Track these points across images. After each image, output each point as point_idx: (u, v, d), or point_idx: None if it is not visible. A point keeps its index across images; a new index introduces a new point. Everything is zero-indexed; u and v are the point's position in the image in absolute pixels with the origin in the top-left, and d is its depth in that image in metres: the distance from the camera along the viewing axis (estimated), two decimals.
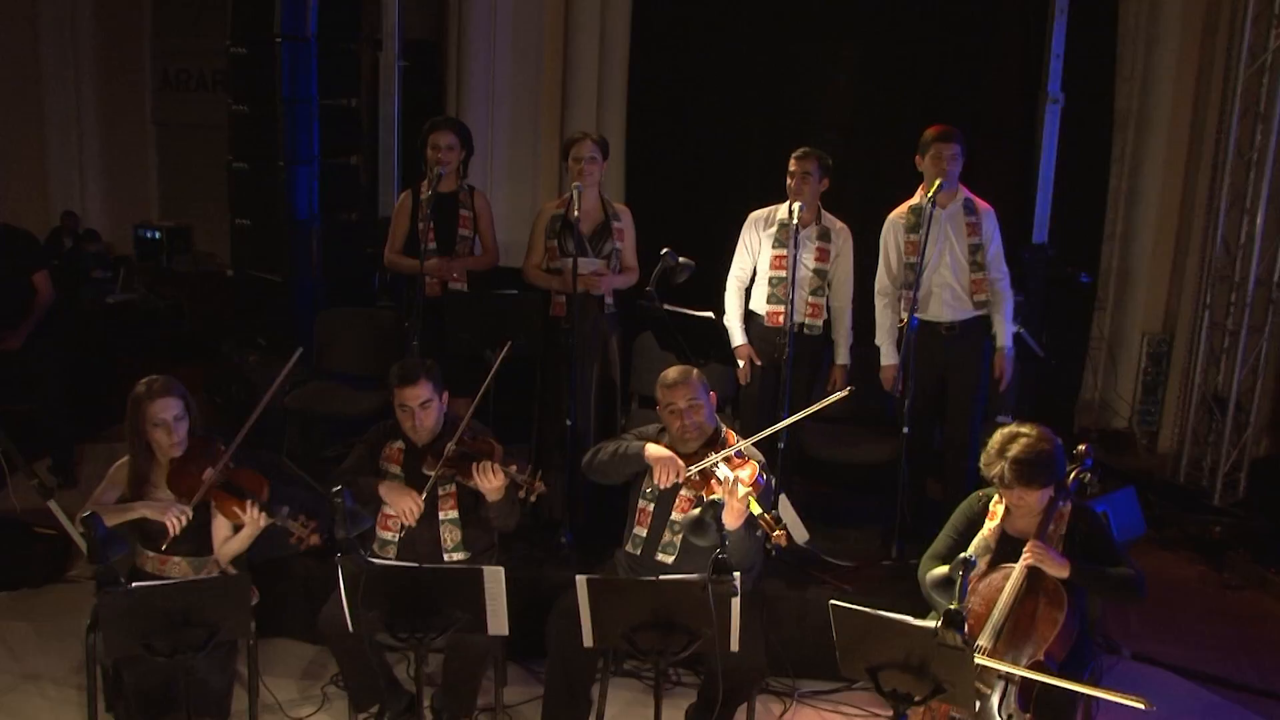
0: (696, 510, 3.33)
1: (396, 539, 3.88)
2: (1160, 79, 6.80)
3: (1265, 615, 5.30)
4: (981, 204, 4.76)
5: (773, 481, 3.97)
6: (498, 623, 3.21)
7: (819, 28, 6.98)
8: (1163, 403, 7.05)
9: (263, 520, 3.52)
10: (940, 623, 2.90)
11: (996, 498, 3.70)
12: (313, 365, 5.46)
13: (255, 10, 6.19)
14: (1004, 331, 4.78)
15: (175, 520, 3.46)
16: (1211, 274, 6.23)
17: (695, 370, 3.93)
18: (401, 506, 3.78)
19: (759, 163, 7.13)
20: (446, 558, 3.83)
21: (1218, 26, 6.60)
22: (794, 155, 4.76)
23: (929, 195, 4.60)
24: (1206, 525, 5.88)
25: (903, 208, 4.80)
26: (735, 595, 3.09)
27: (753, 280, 4.94)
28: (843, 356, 4.93)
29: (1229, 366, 6.24)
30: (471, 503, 3.90)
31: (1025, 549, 3.48)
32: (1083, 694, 3.33)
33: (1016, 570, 3.48)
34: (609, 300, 4.92)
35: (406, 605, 3.15)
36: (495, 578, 3.12)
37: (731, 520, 3.53)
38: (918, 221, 4.68)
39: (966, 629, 3.07)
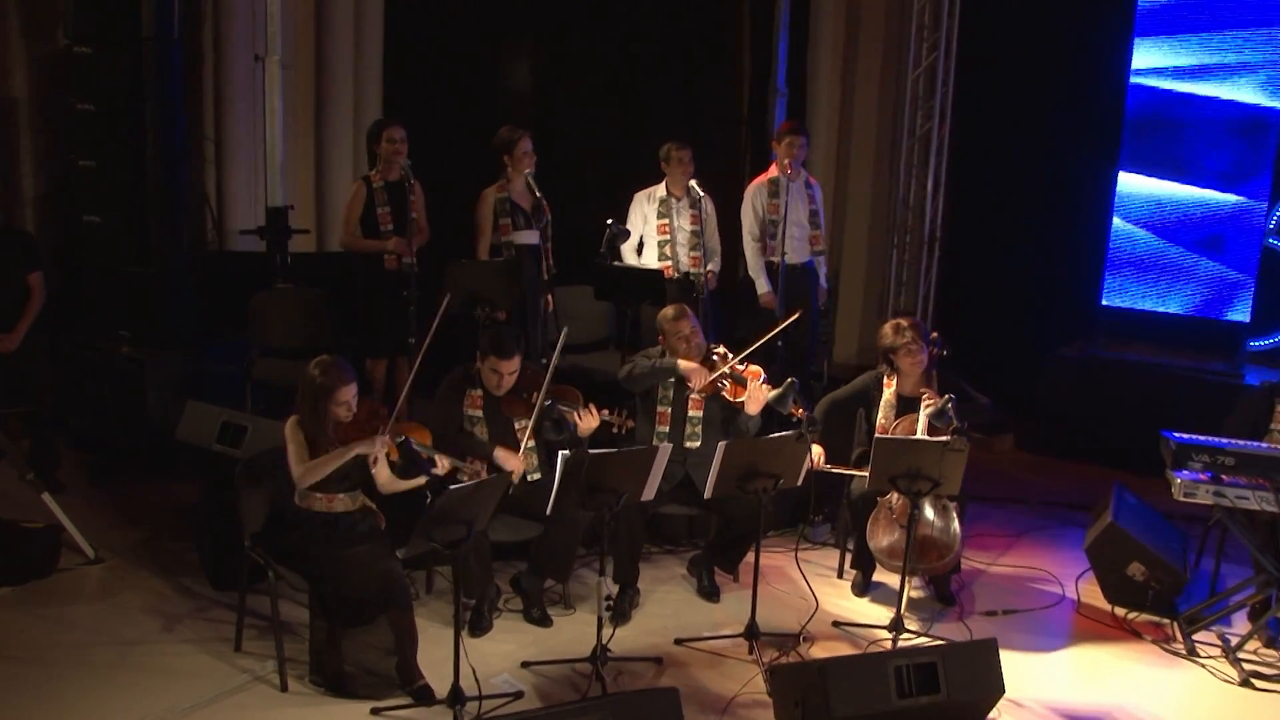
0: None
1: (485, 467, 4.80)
2: (818, 75, 8.90)
3: (977, 460, 7.55)
4: (813, 180, 6.54)
5: None
6: (650, 490, 4.37)
7: (575, 23, 8.28)
8: (834, 324, 9.26)
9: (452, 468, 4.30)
10: (953, 437, 4.56)
11: (887, 376, 5.41)
12: (255, 342, 5.96)
13: (98, 12, 6.37)
14: (822, 274, 6.69)
15: (382, 451, 4.16)
16: (896, 224, 8.47)
17: (685, 306, 5.26)
18: (511, 466, 4.71)
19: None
20: (530, 478, 4.83)
21: (858, 35, 8.82)
22: (675, 147, 6.27)
23: (781, 172, 6.30)
24: None
25: (762, 178, 6.50)
26: (815, 442, 4.52)
27: (641, 246, 6.38)
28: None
29: (910, 292, 8.54)
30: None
31: (923, 400, 5.20)
32: None
33: (922, 414, 5.20)
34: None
35: (593, 484, 4.19)
36: (664, 453, 4.28)
37: (754, 408, 4.95)
38: (775, 190, 6.34)
39: None
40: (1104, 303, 7.82)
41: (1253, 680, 4.63)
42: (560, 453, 4.09)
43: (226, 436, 5.13)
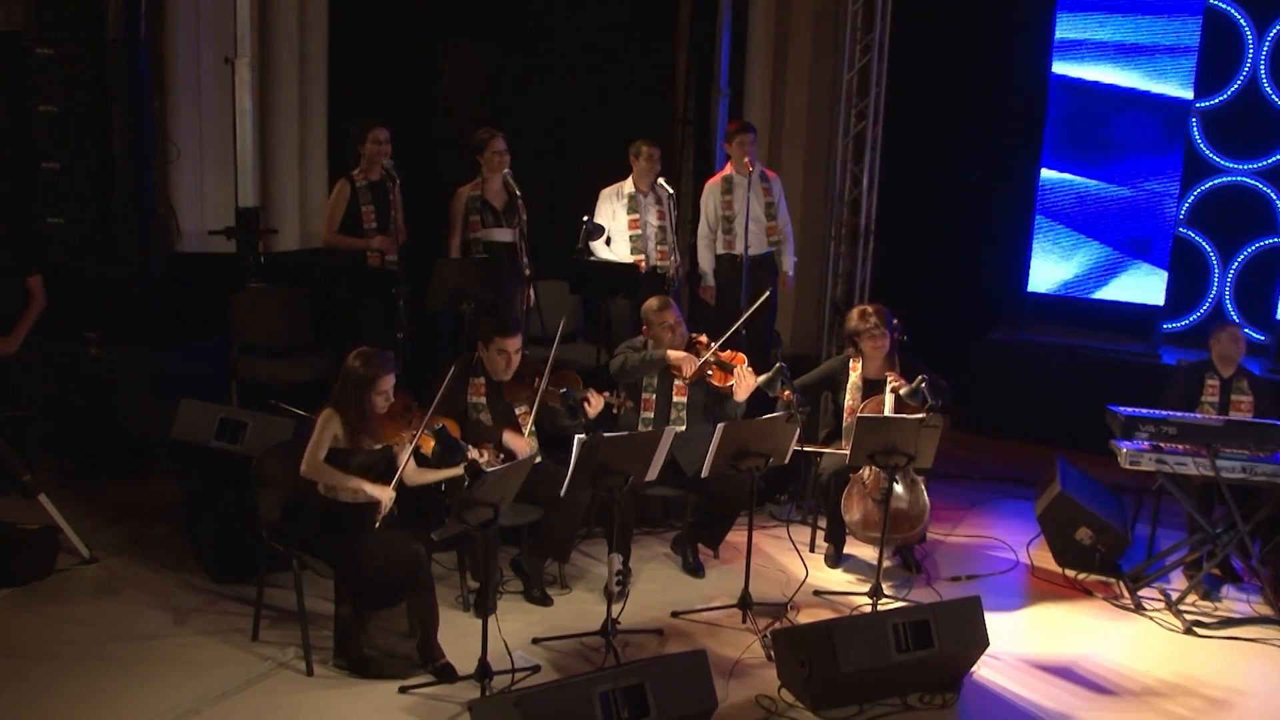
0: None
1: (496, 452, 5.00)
2: (753, 75, 9.26)
3: None
4: (770, 173, 6.86)
5: None
6: (654, 471, 4.63)
7: (519, 24, 8.46)
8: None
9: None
10: (928, 414, 4.93)
11: (853, 360, 5.78)
12: (238, 341, 6.04)
13: (59, 13, 6.35)
14: (789, 261, 6.97)
15: (389, 500, 4.35)
16: (835, 220, 8.87)
17: (668, 297, 5.54)
18: (518, 447, 4.91)
19: (451, 148, 8.44)
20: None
21: (789, 36, 9.21)
22: (646, 144, 6.52)
23: (736, 169, 6.62)
24: None
25: (717, 178, 6.82)
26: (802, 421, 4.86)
27: (608, 240, 6.63)
28: None
29: (846, 283, 8.95)
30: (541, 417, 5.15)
31: (889, 382, 5.58)
32: None
33: (888, 395, 5.58)
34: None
35: (603, 467, 4.44)
36: (669, 435, 4.55)
37: (743, 394, 5.27)
38: (729, 187, 6.67)
39: None
40: (1029, 290, 8.35)
41: (1195, 629, 5.13)
42: (576, 437, 4.33)
43: (225, 433, 5.22)
